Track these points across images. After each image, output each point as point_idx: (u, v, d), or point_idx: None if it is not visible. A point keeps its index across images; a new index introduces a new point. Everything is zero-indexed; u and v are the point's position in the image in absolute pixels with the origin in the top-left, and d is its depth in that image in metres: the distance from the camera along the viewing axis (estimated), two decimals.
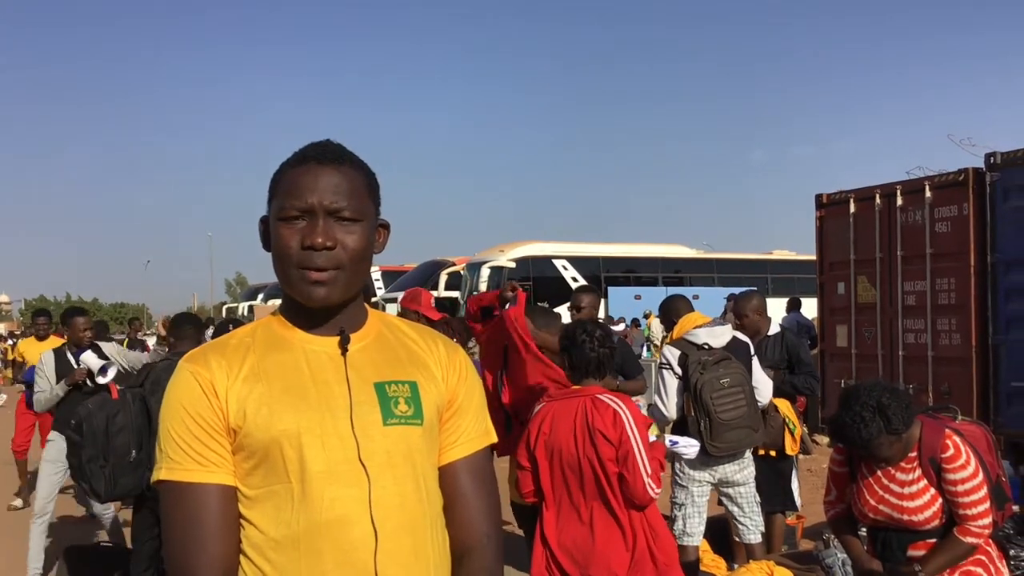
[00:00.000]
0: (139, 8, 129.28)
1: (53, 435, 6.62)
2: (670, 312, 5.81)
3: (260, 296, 38.91)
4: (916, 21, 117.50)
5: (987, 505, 3.34)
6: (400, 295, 8.26)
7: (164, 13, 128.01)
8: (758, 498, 5.52)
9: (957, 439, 3.39)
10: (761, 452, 5.93)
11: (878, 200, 10.48)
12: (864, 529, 3.77)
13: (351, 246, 1.59)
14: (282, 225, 1.59)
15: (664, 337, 6.83)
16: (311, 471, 1.54)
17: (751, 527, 5.39)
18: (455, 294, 24.59)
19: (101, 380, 6.12)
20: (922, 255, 9.90)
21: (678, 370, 5.29)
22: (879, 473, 3.51)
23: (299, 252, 1.57)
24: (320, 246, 1.56)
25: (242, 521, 1.57)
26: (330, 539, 1.53)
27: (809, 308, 14.37)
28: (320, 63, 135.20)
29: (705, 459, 5.21)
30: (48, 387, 6.54)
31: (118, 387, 5.01)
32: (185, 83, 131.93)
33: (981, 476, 3.35)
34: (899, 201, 10.22)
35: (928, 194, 9.86)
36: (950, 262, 9.64)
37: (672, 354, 5.37)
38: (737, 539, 5.53)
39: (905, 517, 3.42)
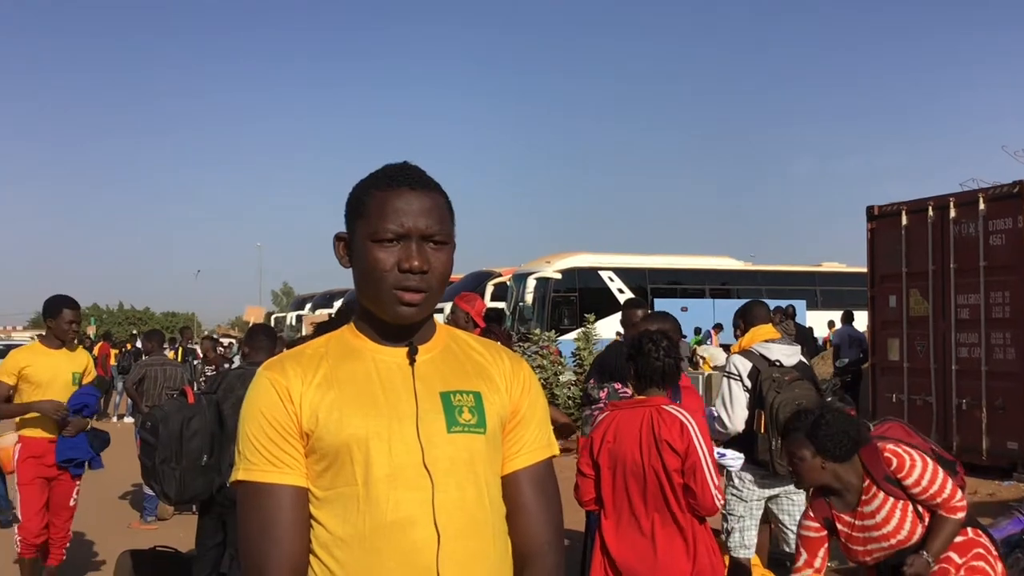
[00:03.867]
0: (193, 20, 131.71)
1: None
2: (747, 316, 5.64)
3: (308, 306, 39.31)
4: (970, 28, 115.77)
5: (951, 483, 3.48)
6: (448, 305, 8.20)
7: (216, 30, 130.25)
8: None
9: (890, 447, 3.54)
10: None
11: (931, 212, 10.37)
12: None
13: (440, 269, 1.68)
14: (376, 247, 1.65)
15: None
16: (376, 475, 1.60)
17: None
18: (501, 304, 24.60)
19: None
20: (976, 268, 9.78)
21: (747, 383, 5.21)
22: (850, 520, 3.62)
23: (396, 274, 1.64)
24: (418, 269, 1.64)
25: (312, 521, 1.64)
26: (394, 540, 1.59)
27: (859, 321, 14.22)
28: (364, 74, 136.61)
29: (773, 477, 5.20)
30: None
31: (194, 391, 5.08)
32: (234, 95, 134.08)
33: (931, 464, 3.50)
34: (952, 213, 10.11)
35: (982, 206, 9.75)
36: (1005, 275, 9.51)
37: (743, 366, 5.27)
38: (787, 548, 5.50)
39: (894, 541, 3.54)
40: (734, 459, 4.92)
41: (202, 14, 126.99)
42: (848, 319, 14.50)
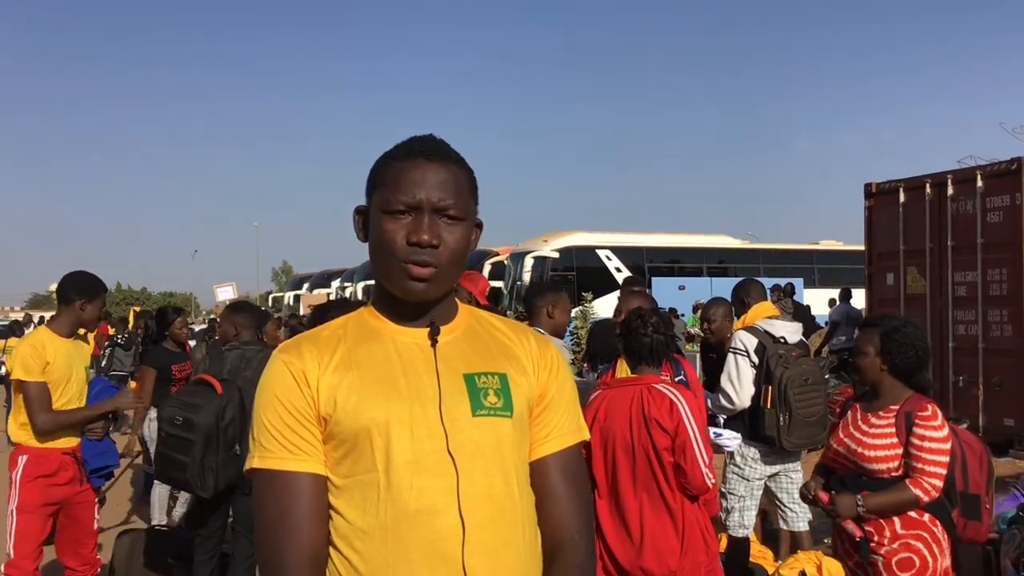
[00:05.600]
0: (194, 9, 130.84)
1: None
2: (743, 293, 5.67)
3: (305, 286, 39.22)
4: (969, 5, 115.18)
5: (943, 470, 3.43)
6: None
7: (218, 18, 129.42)
8: None
9: (939, 411, 3.52)
10: None
11: (928, 190, 10.33)
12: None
13: (452, 245, 1.60)
14: (387, 219, 1.59)
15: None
16: (397, 461, 1.53)
17: (801, 514, 5.37)
18: (499, 284, 24.54)
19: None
20: (973, 245, 9.75)
21: (755, 359, 5.21)
22: (858, 417, 3.66)
23: (404, 247, 1.58)
24: (426, 243, 1.57)
25: (331, 511, 1.57)
26: (417, 529, 1.52)
27: (857, 299, 14.20)
28: (365, 50, 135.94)
29: (777, 454, 5.22)
30: None
31: (219, 381, 4.83)
32: (233, 76, 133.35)
33: (949, 446, 3.46)
34: (950, 191, 10.07)
35: (980, 183, 9.71)
36: (1002, 252, 9.48)
37: (749, 341, 5.26)
38: (784, 527, 5.51)
39: (859, 450, 3.56)
40: (730, 439, 4.91)
41: (203, 4, 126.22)
42: (846, 297, 14.49)
